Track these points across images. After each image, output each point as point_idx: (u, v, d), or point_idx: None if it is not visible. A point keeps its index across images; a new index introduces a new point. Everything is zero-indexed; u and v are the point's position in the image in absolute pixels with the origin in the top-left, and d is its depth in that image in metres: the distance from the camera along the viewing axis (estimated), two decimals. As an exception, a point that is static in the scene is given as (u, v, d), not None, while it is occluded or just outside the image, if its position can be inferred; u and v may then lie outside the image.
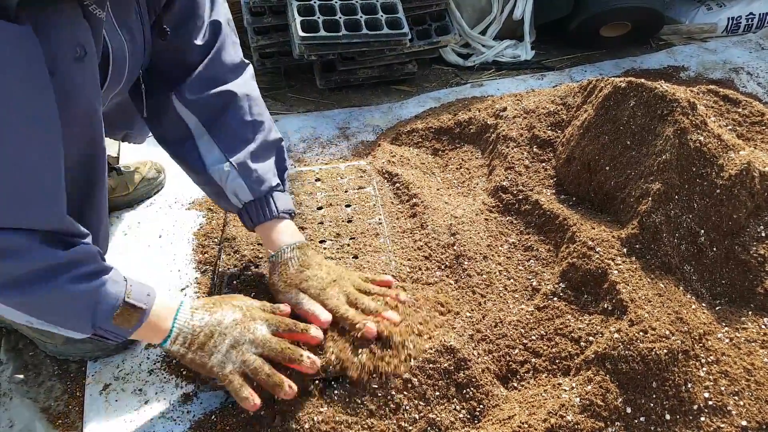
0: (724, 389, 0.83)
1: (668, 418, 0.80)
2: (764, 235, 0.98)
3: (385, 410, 0.84)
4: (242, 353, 0.81)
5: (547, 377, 0.89)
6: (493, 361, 0.92)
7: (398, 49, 1.69)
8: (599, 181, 1.08)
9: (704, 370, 0.84)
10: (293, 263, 0.92)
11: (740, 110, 1.22)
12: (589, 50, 1.98)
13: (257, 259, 1.08)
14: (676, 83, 1.55)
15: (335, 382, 0.86)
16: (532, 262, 1.05)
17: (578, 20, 1.87)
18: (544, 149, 1.22)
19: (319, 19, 1.59)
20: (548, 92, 1.34)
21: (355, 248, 1.10)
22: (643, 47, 1.99)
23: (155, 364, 0.98)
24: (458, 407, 0.86)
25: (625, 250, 0.95)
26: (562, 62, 1.94)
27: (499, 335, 0.94)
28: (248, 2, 1.67)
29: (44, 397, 0.96)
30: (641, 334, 0.83)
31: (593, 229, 1.00)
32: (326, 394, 0.85)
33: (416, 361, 0.86)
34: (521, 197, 1.15)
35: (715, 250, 0.98)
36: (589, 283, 0.95)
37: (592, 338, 0.89)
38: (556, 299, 0.96)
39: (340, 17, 1.62)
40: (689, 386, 0.82)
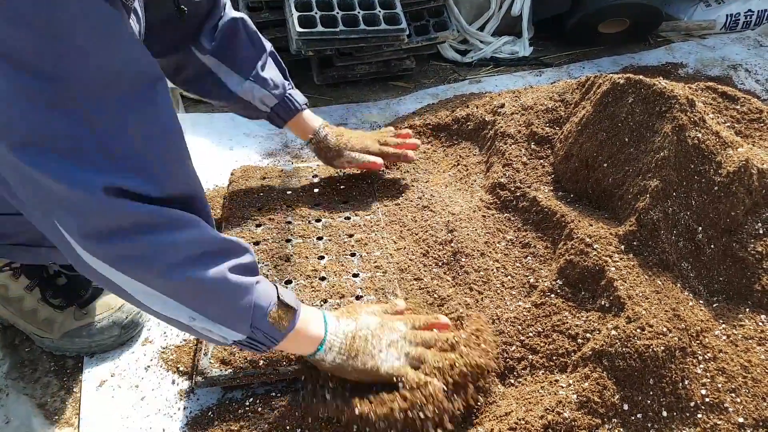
0: (721, 386, 0.83)
1: (665, 415, 0.80)
2: (762, 232, 0.98)
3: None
4: (401, 348, 0.83)
5: (544, 374, 0.89)
6: (490, 357, 0.92)
7: (396, 45, 1.69)
8: (597, 177, 1.08)
9: (701, 367, 0.84)
10: (330, 136, 1.19)
11: (738, 107, 1.22)
12: (587, 47, 1.98)
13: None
14: (674, 80, 1.55)
15: None
16: (529, 258, 1.05)
17: (577, 17, 1.87)
18: (542, 146, 1.22)
19: (316, 14, 1.59)
20: (546, 89, 1.34)
21: (352, 245, 1.10)
22: (641, 44, 1.98)
23: (151, 360, 0.98)
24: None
25: (622, 247, 0.95)
26: (560, 59, 1.94)
27: (496, 332, 0.94)
28: (245, -3, 1.66)
29: (41, 393, 0.95)
30: (638, 331, 0.83)
31: (591, 225, 1.00)
32: None
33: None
34: (519, 194, 1.15)
35: (712, 247, 0.97)
36: (586, 279, 0.94)
37: (589, 335, 0.88)
38: (553, 296, 0.96)
39: (337, 13, 1.61)
40: (686, 383, 0.82)
